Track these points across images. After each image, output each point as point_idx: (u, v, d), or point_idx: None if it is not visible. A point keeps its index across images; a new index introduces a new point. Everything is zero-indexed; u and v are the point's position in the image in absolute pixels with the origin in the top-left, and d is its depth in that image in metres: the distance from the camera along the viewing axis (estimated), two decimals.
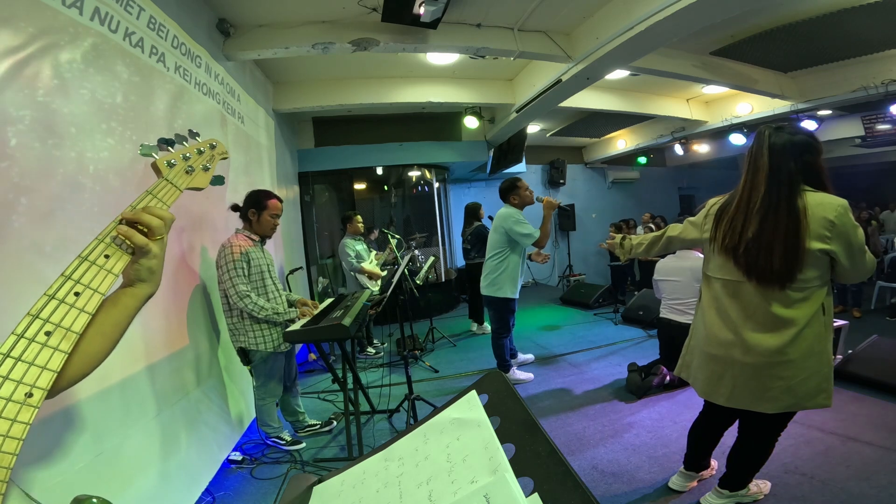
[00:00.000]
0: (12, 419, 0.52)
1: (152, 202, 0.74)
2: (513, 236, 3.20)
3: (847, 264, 1.43)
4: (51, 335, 0.58)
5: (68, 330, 0.60)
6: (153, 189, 0.76)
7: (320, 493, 0.71)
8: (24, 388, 0.54)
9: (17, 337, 0.56)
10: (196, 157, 0.85)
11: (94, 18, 1.73)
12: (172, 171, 0.80)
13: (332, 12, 3.22)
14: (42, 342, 0.57)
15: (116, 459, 1.59)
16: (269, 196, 2.49)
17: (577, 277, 8.23)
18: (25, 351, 0.56)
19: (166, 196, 0.77)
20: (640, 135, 8.10)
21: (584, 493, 0.46)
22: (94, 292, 0.63)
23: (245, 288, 2.30)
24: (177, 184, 0.80)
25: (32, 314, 0.58)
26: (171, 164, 0.81)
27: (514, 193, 3.32)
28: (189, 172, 0.83)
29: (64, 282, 0.61)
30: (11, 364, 0.54)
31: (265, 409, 2.54)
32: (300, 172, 5.57)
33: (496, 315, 3.40)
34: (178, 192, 0.80)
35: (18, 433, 0.52)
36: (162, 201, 0.76)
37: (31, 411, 0.54)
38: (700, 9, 2.80)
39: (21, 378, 0.54)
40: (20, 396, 0.53)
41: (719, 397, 1.63)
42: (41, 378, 0.56)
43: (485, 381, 0.70)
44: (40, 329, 0.58)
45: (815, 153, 1.48)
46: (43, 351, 0.57)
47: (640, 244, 2.00)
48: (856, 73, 4.85)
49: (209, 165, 0.88)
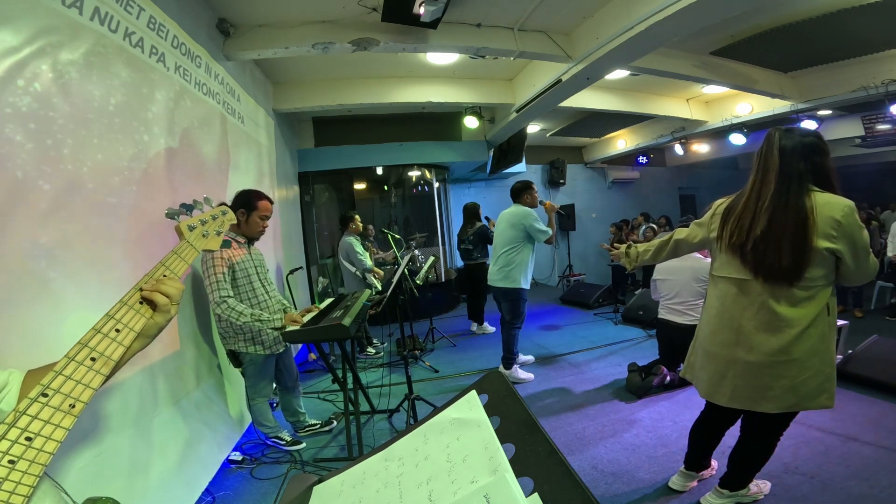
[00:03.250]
0: (57, 424, 0.64)
1: (174, 260, 0.88)
2: (531, 232, 3.40)
3: (851, 264, 1.44)
4: (95, 360, 0.70)
5: (109, 358, 0.72)
6: (178, 250, 0.90)
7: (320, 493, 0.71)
8: (70, 400, 0.66)
9: (69, 360, 0.68)
10: (211, 222, 1.01)
11: (94, 18, 1.73)
12: (192, 235, 0.95)
13: (332, 12, 3.22)
14: (88, 366, 0.69)
15: (116, 459, 1.59)
16: (260, 197, 2.42)
17: (577, 277, 8.23)
18: (74, 372, 0.68)
19: (187, 255, 0.91)
20: (640, 135, 8.10)
21: (584, 493, 0.46)
22: (129, 330, 0.76)
23: (224, 293, 2.20)
24: (196, 245, 0.94)
25: (82, 343, 0.70)
26: (191, 228, 0.96)
27: (527, 193, 3.57)
28: (205, 236, 0.98)
29: (108, 320, 0.74)
30: (63, 381, 0.66)
31: (256, 408, 2.53)
32: (300, 172, 5.56)
33: (510, 306, 3.48)
34: (196, 253, 0.94)
35: (59, 437, 0.64)
36: (184, 260, 0.90)
37: (72, 419, 0.66)
38: (700, 9, 2.79)
39: (70, 392, 0.66)
40: (66, 406, 0.65)
41: (721, 398, 1.62)
42: (84, 394, 0.68)
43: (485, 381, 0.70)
44: (87, 356, 0.70)
45: (824, 155, 1.50)
46: (88, 372, 0.69)
47: (646, 251, 1.98)
48: (856, 73, 4.85)
49: (221, 230, 1.03)
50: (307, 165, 5.72)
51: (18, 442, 0.59)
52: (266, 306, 2.43)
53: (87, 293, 1.52)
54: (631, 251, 2.04)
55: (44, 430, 0.62)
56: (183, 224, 0.94)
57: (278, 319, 2.30)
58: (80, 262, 1.53)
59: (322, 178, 6.42)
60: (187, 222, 0.95)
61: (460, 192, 8.36)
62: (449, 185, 8.13)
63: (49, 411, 0.63)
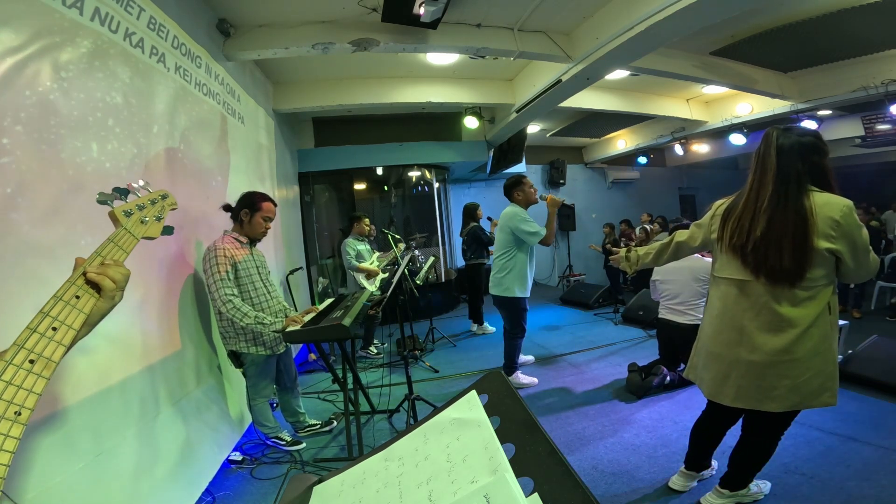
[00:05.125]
0: (5, 434, 0.58)
1: (111, 249, 0.80)
2: (519, 235, 3.13)
3: (851, 264, 1.44)
4: (34, 363, 0.64)
5: (49, 359, 0.66)
6: (114, 237, 0.82)
7: (320, 493, 0.71)
8: (14, 407, 0.60)
9: (6, 363, 0.62)
10: (150, 207, 0.92)
11: (95, 19, 1.73)
12: (129, 221, 0.86)
13: (332, 12, 3.22)
14: (28, 369, 0.63)
15: (116, 459, 1.59)
16: (264, 198, 2.45)
17: (577, 277, 8.23)
18: (14, 376, 0.62)
19: (126, 244, 0.83)
20: (640, 135, 8.10)
21: (584, 493, 0.46)
22: (68, 328, 0.69)
23: (229, 292, 2.22)
24: (134, 233, 0.86)
25: (18, 344, 0.64)
26: (127, 214, 0.87)
27: (518, 189, 3.27)
28: (143, 222, 0.89)
29: (43, 318, 0.67)
30: (3, 386, 0.60)
31: (257, 408, 2.54)
32: (300, 172, 5.56)
33: (507, 315, 3.33)
34: (135, 241, 0.86)
35: (10, 447, 0.58)
36: (122, 248, 0.82)
37: (21, 428, 0.60)
38: (700, 9, 2.79)
39: (12, 398, 0.61)
40: (10, 414, 0.59)
41: (725, 398, 1.62)
42: (28, 399, 0.62)
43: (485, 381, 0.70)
44: (25, 358, 0.64)
45: (822, 154, 1.50)
46: (29, 376, 0.63)
47: (647, 254, 1.96)
48: (856, 73, 4.85)
49: (161, 216, 0.94)
50: (307, 165, 5.72)
51: None
52: (267, 307, 2.44)
53: None
54: (631, 255, 2.02)
55: None
56: (118, 210, 0.86)
57: (279, 323, 2.31)
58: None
59: (322, 179, 6.42)
60: (123, 207, 0.87)
61: (460, 192, 8.36)
62: (449, 185, 8.13)
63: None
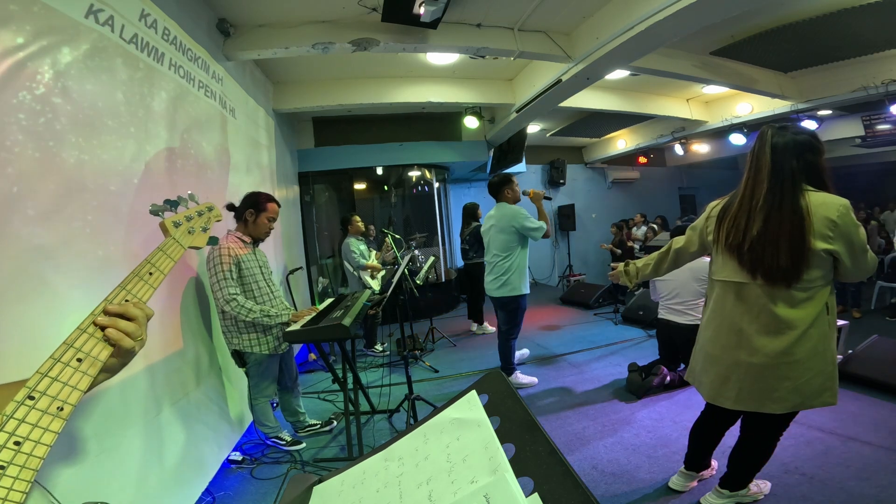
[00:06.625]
0: (45, 428, 0.60)
1: (160, 258, 0.83)
2: (525, 233, 3.19)
3: (849, 264, 1.43)
4: (81, 362, 0.66)
5: (95, 358, 0.67)
6: (163, 247, 0.86)
7: (320, 493, 0.71)
8: (58, 402, 0.62)
9: (54, 360, 0.63)
10: (197, 218, 0.98)
11: (95, 19, 1.73)
12: (178, 231, 0.92)
13: (332, 12, 3.22)
14: (75, 367, 0.65)
15: (116, 459, 1.59)
16: (269, 199, 2.47)
17: (577, 277, 8.23)
18: (61, 373, 0.64)
19: (173, 253, 0.87)
20: (640, 135, 8.10)
21: (584, 493, 0.46)
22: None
23: (232, 291, 2.25)
24: (182, 242, 0.91)
25: (67, 343, 0.65)
26: (176, 225, 0.92)
27: (508, 187, 3.32)
28: (191, 233, 0.95)
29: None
30: (49, 383, 0.62)
31: (259, 408, 2.54)
32: (300, 172, 5.56)
33: (508, 316, 3.32)
34: (182, 250, 0.90)
35: (48, 441, 0.60)
36: (170, 257, 0.85)
37: (61, 423, 0.62)
38: (700, 9, 2.79)
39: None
40: (54, 409, 0.62)
41: (726, 400, 1.61)
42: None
43: (485, 381, 0.70)
44: (73, 356, 0.65)
45: (817, 153, 1.48)
46: (75, 374, 0.65)
47: (646, 265, 1.94)
48: (856, 73, 4.85)
49: (207, 227, 1.00)
50: (307, 165, 5.72)
51: (7, 447, 0.56)
52: (270, 306, 2.45)
53: (88, 293, 1.52)
54: (630, 268, 1.98)
55: (32, 434, 0.59)
56: (168, 220, 0.91)
57: (286, 315, 2.37)
58: (80, 262, 1.53)
59: (322, 178, 6.42)
60: (172, 219, 0.92)
61: (460, 192, 8.36)
62: (449, 185, 8.13)
63: (37, 414, 0.60)
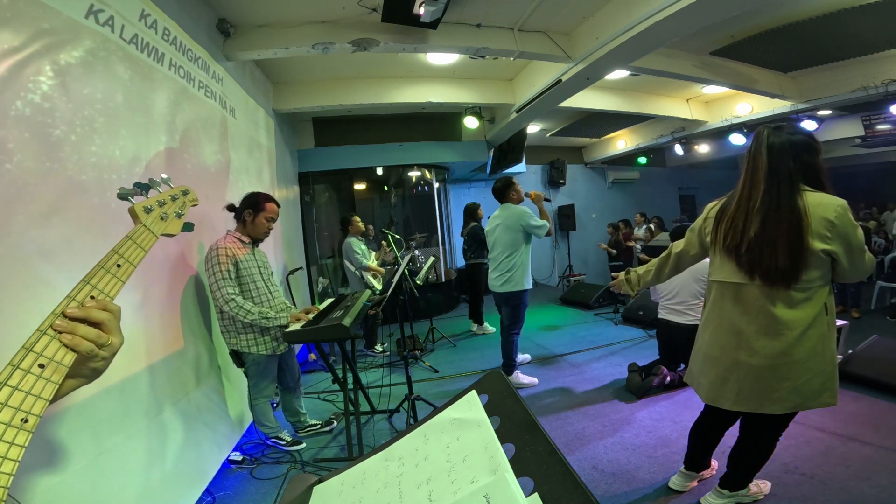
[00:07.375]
0: (10, 442, 0.54)
1: (129, 248, 0.75)
2: (531, 231, 3.34)
3: (847, 264, 1.43)
4: (44, 367, 0.59)
5: (59, 363, 0.60)
6: (132, 235, 0.77)
7: (320, 493, 0.71)
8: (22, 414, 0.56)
9: (13, 367, 0.57)
10: (170, 203, 0.88)
11: (95, 19, 1.73)
12: (149, 217, 0.83)
13: (332, 12, 3.22)
14: (37, 374, 0.58)
15: (116, 459, 1.59)
16: (268, 199, 2.47)
17: (577, 277, 8.22)
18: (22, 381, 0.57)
19: (144, 242, 0.79)
20: (640, 135, 8.10)
21: (584, 493, 0.46)
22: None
23: (231, 291, 2.24)
24: (153, 230, 0.82)
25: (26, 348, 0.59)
26: (147, 210, 0.83)
27: (512, 189, 3.48)
28: (164, 219, 0.86)
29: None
30: (9, 392, 0.55)
31: (258, 408, 2.54)
32: (300, 172, 5.57)
33: (512, 312, 3.41)
34: (154, 238, 0.82)
35: (15, 455, 0.54)
36: (141, 247, 0.77)
37: (27, 435, 0.56)
38: (700, 9, 2.79)
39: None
40: (17, 421, 0.55)
41: (725, 401, 1.61)
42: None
43: (485, 381, 0.70)
44: (34, 362, 0.58)
45: (814, 153, 1.48)
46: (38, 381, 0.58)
47: (647, 272, 1.93)
48: (856, 73, 4.85)
49: (182, 212, 0.91)
50: (307, 165, 5.72)
51: None
52: (269, 307, 2.44)
53: None
54: (631, 276, 1.97)
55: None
56: (138, 206, 0.83)
57: (284, 317, 2.35)
58: (81, 262, 1.53)
59: (322, 178, 6.42)
60: (143, 203, 0.83)
61: (460, 192, 8.36)
62: (449, 185, 8.13)
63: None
